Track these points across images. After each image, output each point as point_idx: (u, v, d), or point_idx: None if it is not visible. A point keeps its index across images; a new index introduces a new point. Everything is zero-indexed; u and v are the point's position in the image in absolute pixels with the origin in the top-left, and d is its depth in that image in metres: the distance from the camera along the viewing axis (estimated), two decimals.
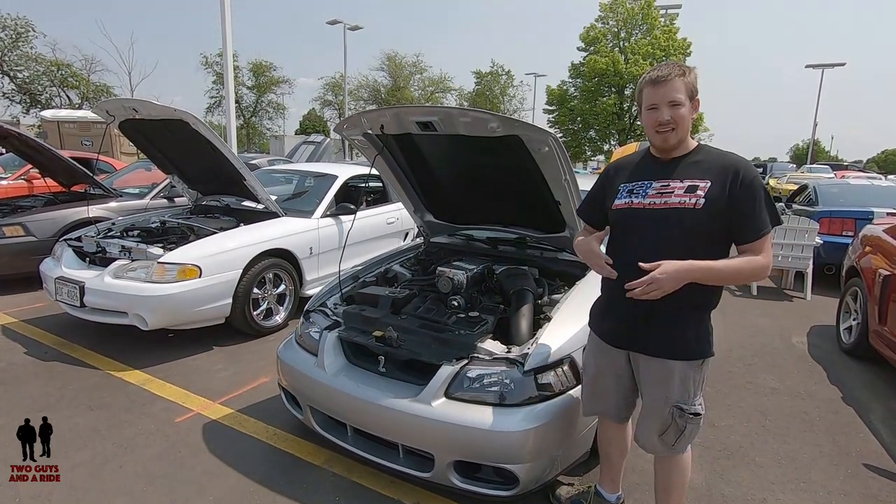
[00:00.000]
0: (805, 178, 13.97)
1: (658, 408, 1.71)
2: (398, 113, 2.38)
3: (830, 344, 4.23)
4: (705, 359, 1.68)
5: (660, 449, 1.76)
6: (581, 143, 30.81)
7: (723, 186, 1.57)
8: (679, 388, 1.66)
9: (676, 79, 1.58)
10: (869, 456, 2.62)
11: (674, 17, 28.62)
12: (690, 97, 1.60)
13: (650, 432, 1.74)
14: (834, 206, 6.21)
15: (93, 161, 6.96)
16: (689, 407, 1.67)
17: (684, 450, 1.77)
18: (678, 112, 1.59)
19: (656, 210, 1.63)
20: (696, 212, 1.57)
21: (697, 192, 1.58)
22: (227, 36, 9.09)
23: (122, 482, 2.24)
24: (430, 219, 3.30)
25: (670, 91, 1.57)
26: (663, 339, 1.66)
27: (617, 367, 1.81)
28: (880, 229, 4.02)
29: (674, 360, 1.66)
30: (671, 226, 1.61)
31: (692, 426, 1.69)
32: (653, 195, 1.65)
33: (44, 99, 22.96)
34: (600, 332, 1.85)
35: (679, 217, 1.60)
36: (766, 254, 1.59)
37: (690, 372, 1.66)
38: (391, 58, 34.21)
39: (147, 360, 3.51)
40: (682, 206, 1.59)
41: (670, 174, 1.65)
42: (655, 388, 1.71)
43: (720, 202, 1.56)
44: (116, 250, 3.80)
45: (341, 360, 2.30)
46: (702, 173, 1.61)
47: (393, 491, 2.21)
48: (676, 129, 1.60)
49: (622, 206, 1.71)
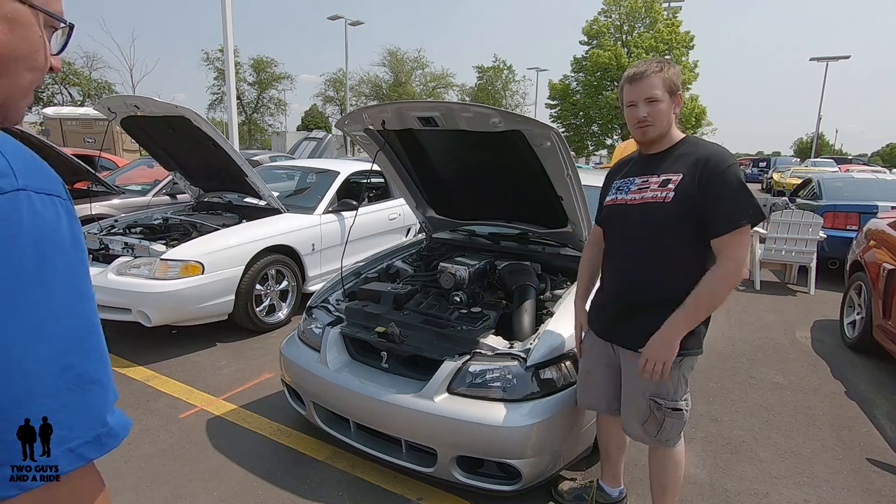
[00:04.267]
0: (809, 171, 13.90)
1: (635, 399, 1.73)
2: (400, 108, 2.37)
3: (834, 339, 4.21)
4: (685, 357, 1.64)
5: (644, 438, 1.76)
6: (583, 137, 30.72)
7: (693, 178, 1.55)
8: (655, 382, 1.65)
9: (653, 75, 1.59)
10: (873, 451, 2.61)
11: (677, 10, 28.43)
12: (671, 92, 1.60)
13: (632, 421, 1.76)
14: (838, 200, 6.18)
15: (95, 158, 6.97)
16: (667, 402, 1.67)
17: (673, 444, 1.76)
18: (655, 108, 1.60)
19: (635, 206, 1.66)
20: (665, 205, 1.58)
21: (669, 186, 1.59)
22: (228, 32, 9.07)
23: (126, 478, 2.26)
24: (432, 214, 3.29)
25: (647, 88, 1.59)
26: (640, 334, 1.66)
27: (606, 359, 1.83)
28: (885, 223, 4.00)
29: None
30: (644, 221, 1.63)
31: (672, 420, 1.69)
32: (634, 191, 1.68)
33: (45, 96, 22.99)
34: (591, 324, 1.89)
35: (651, 212, 1.61)
36: (731, 253, 1.51)
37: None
38: (392, 53, 34.14)
39: (151, 356, 3.52)
40: (654, 200, 1.61)
41: (652, 170, 1.67)
42: (632, 379, 1.73)
43: (690, 194, 1.55)
44: (119, 247, 3.80)
45: (344, 356, 2.30)
46: (678, 167, 1.60)
47: (396, 486, 2.22)
48: (654, 125, 1.62)
49: (609, 202, 1.78)
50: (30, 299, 0.49)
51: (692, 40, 27.79)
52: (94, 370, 0.54)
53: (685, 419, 1.73)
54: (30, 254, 0.49)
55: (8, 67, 0.56)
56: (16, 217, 0.48)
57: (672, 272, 1.62)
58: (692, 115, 26.59)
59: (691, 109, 26.66)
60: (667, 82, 1.59)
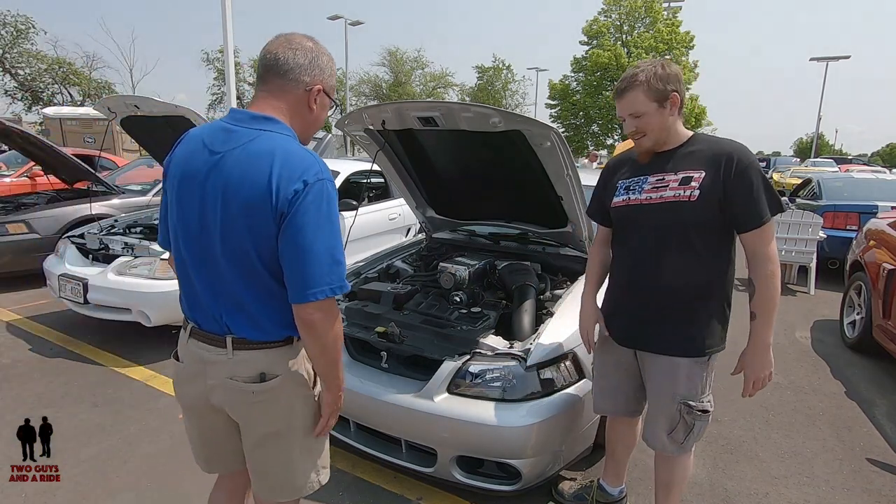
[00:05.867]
0: (809, 171, 13.90)
1: (665, 405, 1.69)
2: (399, 108, 2.37)
3: (834, 339, 4.22)
4: (712, 354, 1.66)
5: (669, 448, 1.73)
6: (583, 137, 30.67)
7: (716, 175, 1.53)
8: (686, 384, 1.65)
9: (635, 88, 1.56)
10: (873, 451, 2.61)
11: (676, 10, 28.41)
12: (659, 99, 1.55)
13: (659, 431, 1.72)
14: (838, 200, 6.18)
15: (95, 158, 6.97)
16: (698, 403, 1.66)
17: (691, 448, 1.76)
18: (642, 121, 1.58)
19: (653, 205, 1.61)
20: (692, 204, 1.55)
21: (691, 184, 1.56)
22: (228, 32, 9.07)
23: (126, 478, 2.25)
24: (432, 214, 3.29)
25: (628, 105, 1.59)
26: (671, 338, 1.65)
27: (625, 364, 1.81)
28: (885, 223, 4.00)
29: (679, 357, 1.65)
30: (669, 221, 1.59)
31: (700, 423, 1.68)
32: (649, 190, 1.63)
33: (45, 96, 22.98)
34: (608, 332, 1.83)
35: (676, 211, 1.57)
36: (770, 243, 1.56)
37: (697, 368, 1.65)
38: (392, 53, 34.09)
39: (151, 356, 3.52)
40: (677, 199, 1.57)
41: (665, 167, 1.63)
42: (662, 384, 1.70)
43: (715, 191, 1.53)
44: (119, 247, 3.81)
45: (344, 357, 2.29)
46: (696, 163, 1.58)
47: (396, 486, 2.22)
48: (646, 135, 1.60)
49: (620, 203, 1.70)
50: (332, 226, 1.13)
51: (692, 40, 27.75)
52: (340, 258, 1.15)
53: (709, 421, 1.72)
54: (328, 206, 1.13)
55: (315, 128, 1.32)
56: (326, 191, 1.13)
57: (699, 270, 1.60)
58: (692, 115, 26.55)
59: (691, 109, 26.61)
60: (652, 90, 1.54)
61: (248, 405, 1.25)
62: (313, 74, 1.23)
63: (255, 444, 1.31)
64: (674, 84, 1.56)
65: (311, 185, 1.10)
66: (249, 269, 1.16)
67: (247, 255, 1.14)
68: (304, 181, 1.10)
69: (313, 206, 1.10)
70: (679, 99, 1.59)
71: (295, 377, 1.27)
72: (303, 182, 1.10)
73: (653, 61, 1.61)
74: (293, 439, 1.31)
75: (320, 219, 1.11)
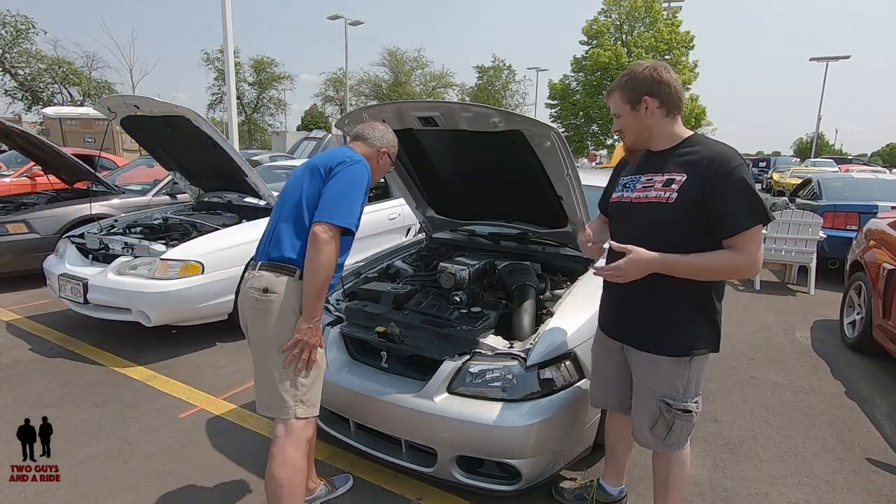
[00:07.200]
0: (809, 171, 13.90)
1: (645, 400, 1.71)
2: (399, 108, 2.37)
3: (834, 339, 4.22)
4: (693, 356, 1.63)
5: (652, 443, 1.74)
6: (583, 137, 30.67)
7: (697, 179, 1.53)
8: (665, 382, 1.65)
9: (614, 92, 1.66)
10: (872, 451, 2.61)
11: (676, 10, 28.41)
12: (632, 102, 1.61)
13: (642, 426, 1.74)
14: (838, 200, 6.18)
15: (95, 158, 6.97)
16: (677, 403, 1.65)
17: (680, 447, 1.76)
18: (619, 121, 1.67)
19: (641, 204, 1.65)
20: (669, 206, 1.55)
21: (672, 186, 1.56)
22: (228, 32, 9.08)
23: (126, 478, 2.25)
24: (432, 214, 3.29)
25: (610, 105, 1.70)
26: (647, 333, 1.66)
27: (616, 358, 1.82)
28: (885, 223, 4.00)
29: (659, 355, 1.65)
30: (647, 220, 1.62)
31: (681, 423, 1.68)
32: (640, 189, 1.67)
33: (45, 96, 22.98)
34: (600, 323, 1.88)
35: (654, 211, 1.60)
36: (749, 251, 1.50)
37: (677, 368, 1.64)
38: (392, 53, 34.15)
39: (151, 356, 3.52)
40: (657, 199, 1.59)
41: (655, 168, 1.65)
42: (642, 380, 1.72)
43: (694, 196, 1.52)
44: (119, 247, 3.80)
45: (344, 356, 2.30)
46: (682, 167, 1.57)
47: (396, 486, 2.22)
48: (625, 134, 1.68)
49: (615, 199, 1.77)
50: (357, 196, 1.80)
51: (692, 40, 27.75)
52: (358, 210, 1.80)
53: (694, 422, 1.71)
54: (361, 183, 1.80)
55: (381, 173, 2.10)
56: (362, 170, 1.81)
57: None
58: (692, 115, 26.56)
59: (691, 109, 26.61)
60: (626, 93, 1.61)
61: (252, 310, 1.74)
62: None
63: (256, 359, 1.77)
64: (649, 88, 1.57)
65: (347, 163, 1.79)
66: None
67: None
68: (342, 161, 1.80)
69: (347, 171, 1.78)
70: (653, 103, 1.58)
71: (288, 301, 1.71)
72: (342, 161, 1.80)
73: (643, 63, 1.62)
74: (275, 357, 1.70)
75: (360, 189, 1.81)
